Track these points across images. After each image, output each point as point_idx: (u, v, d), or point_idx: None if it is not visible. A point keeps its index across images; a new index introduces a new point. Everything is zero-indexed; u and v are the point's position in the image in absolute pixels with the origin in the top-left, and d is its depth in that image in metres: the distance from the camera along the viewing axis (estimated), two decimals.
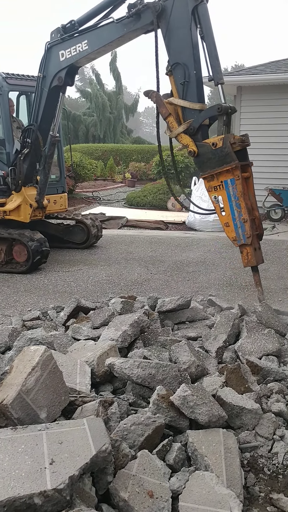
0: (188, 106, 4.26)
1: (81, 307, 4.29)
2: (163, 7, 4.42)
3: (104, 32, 5.11)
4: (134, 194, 14.44)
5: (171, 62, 4.41)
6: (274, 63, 12.29)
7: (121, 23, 4.86)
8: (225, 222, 4.12)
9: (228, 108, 4.12)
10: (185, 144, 4.29)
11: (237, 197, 3.96)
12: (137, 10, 4.59)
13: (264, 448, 2.43)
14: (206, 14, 4.20)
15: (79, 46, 5.39)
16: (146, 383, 2.72)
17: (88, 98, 35.90)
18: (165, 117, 4.39)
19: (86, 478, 1.86)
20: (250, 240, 4.01)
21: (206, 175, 4.15)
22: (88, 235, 7.84)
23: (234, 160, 3.95)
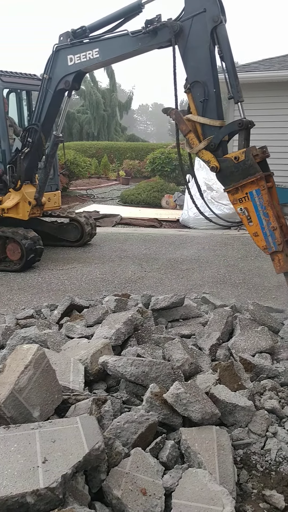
0: (209, 123, 4.32)
1: (75, 305, 4.28)
2: (181, 27, 4.42)
3: (118, 43, 5.08)
4: (128, 192, 14.43)
5: (189, 80, 4.44)
6: (268, 60, 12.31)
7: (136, 37, 4.83)
8: (253, 232, 4.16)
9: (248, 123, 4.21)
10: (206, 160, 4.35)
11: (264, 207, 4.03)
12: (154, 27, 4.59)
13: (257, 445, 2.44)
14: (225, 35, 4.24)
15: (89, 53, 5.36)
16: (140, 381, 2.72)
17: (82, 96, 35.79)
18: (185, 134, 4.43)
19: (79, 477, 1.86)
20: (282, 247, 4.07)
21: (231, 188, 4.20)
22: (82, 233, 7.83)
23: (258, 171, 4.03)
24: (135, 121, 73.17)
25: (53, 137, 6.34)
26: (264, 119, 11.15)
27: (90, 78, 35.79)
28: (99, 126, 34.33)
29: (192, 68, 4.41)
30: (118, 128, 36.70)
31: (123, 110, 37.86)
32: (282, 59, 12.19)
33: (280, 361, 3.31)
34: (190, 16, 4.33)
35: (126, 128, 39.06)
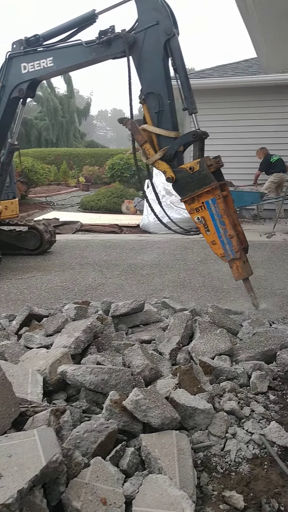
0: (164, 134, 4.37)
1: (34, 314, 4.21)
2: (135, 39, 4.45)
3: (72, 53, 5.05)
4: (88, 198, 14.39)
5: (144, 91, 4.48)
6: (222, 67, 12.59)
7: (90, 47, 4.81)
8: (211, 241, 4.24)
9: (202, 134, 4.30)
10: (162, 170, 4.40)
11: (220, 215, 4.12)
12: (108, 38, 4.59)
13: (217, 446, 2.47)
14: (178, 48, 4.31)
15: (43, 62, 5.30)
16: (99, 389, 2.71)
17: (39, 102, 35.46)
18: (141, 144, 4.47)
19: (36, 490, 1.83)
20: (239, 254, 4.16)
21: (187, 198, 4.27)
22: (42, 241, 7.73)
23: (213, 181, 4.12)
24: (95, 127, 73.03)
25: (8, 145, 6.24)
26: (218, 124, 11.40)
27: (47, 84, 35.53)
28: (58, 132, 34.10)
29: (146, 80, 4.46)
30: (77, 134, 36.56)
31: (81, 116, 37.78)
32: (235, 66, 12.50)
33: (239, 362, 3.37)
34: (144, 28, 4.39)
35: (85, 134, 38.97)
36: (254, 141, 11.35)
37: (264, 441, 2.48)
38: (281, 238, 9.01)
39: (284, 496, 2.15)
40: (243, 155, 11.34)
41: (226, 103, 11.47)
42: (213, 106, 11.46)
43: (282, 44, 6.05)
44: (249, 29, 5.42)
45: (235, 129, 11.41)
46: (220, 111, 11.42)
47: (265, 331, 3.83)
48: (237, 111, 11.41)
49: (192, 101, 4.37)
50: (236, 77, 11.29)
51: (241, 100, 11.37)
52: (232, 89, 11.33)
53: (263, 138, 11.32)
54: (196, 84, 11.48)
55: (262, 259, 7.11)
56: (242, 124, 11.40)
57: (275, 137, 11.25)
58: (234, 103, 11.42)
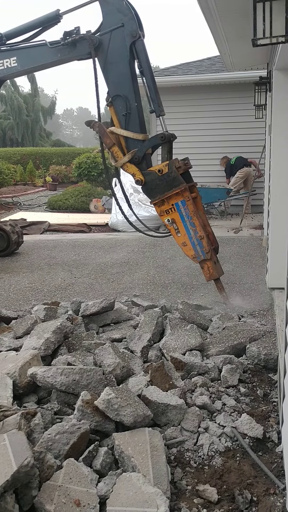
0: (132, 137, 4.36)
1: (2, 317, 4.14)
2: (100, 41, 4.41)
3: (36, 53, 4.95)
4: (55, 197, 14.23)
5: (111, 94, 4.45)
6: (186, 64, 12.66)
7: (55, 48, 4.72)
8: (182, 242, 4.27)
9: (170, 136, 4.31)
10: (131, 173, 4.40)
11: (190, 217, 4.15)
12: (73, 39, 4.51)
13: (189, 441, 2.48)
14: (144, 50, 4.29)
15: (7, 61, 5.18)
16: (71, 389, 2.68)
17: (3, 101, 34.84)
18: (109, 147, 4.44)
19: (8, 496, 1.79)
20: (210, 255, 4.18)
21: (157, 200, 4.28)
22: (9, 242, 7.58)
23: (182, 183, 4.14)
24: (61, 126, 72.27)
25: None
26: (183, 121, 11.45)
27: (11, 83, 34.91)
28: (23, 131, 33.59)
29: (113, 83, 4.45)
30: (43, 133, 36.11)
31: (47, 115, 37.31)
32: (198, 63, 12.58)
33: (209, 357, 3.40)
34: (109, 30, 4.36)
35: (51, 133, 38.51)
36: (219, 138, 11.47)
37: (236, 433, 2.51)
38: (248, 233, 9.14)
39: (256, 486, 2.19)
40: (207, 151, 11.44)
41: (190, 101, 11.54)
42: (178, 104, 11.50)
43: (243, 43, 6.12)
44: (211, 27, 5.45)
45: (199, 127, 11.49)
46: (184, 108, 11.47)
47: (235, 325, 3.88)
48: (201, 109, 11.49)
49: (160, 103, 4.38)
50: (199, 75, 11.36)
51: (205, 97, 11.46)
52: (196, 86, 11.41)
53: (227, 135, 11.46)
54: (160, 82, 11.49)
55: (230, 254, 7.19)
56: (207, 121, 11.49)
57: (239, 134, 11.40)
58: (198, 100, 11.51)
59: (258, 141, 10.53)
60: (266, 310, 4.47)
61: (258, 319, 4.19)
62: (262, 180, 9.62)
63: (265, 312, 4.43)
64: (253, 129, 10.95)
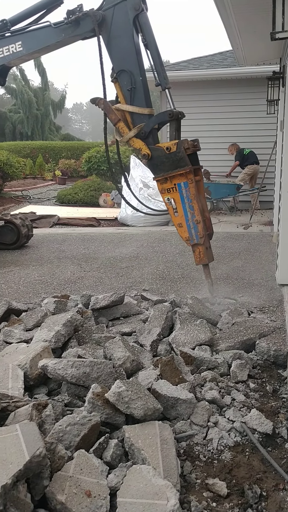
0: (138, 111, 4.33)
1: (12, 309, 4.17)
2: (103, 17, 4.38)
3: (41, 35, 4.95)
4: (65, 191, 14.26)
5: (115, 69, 4.42)
6: (197, 59, 12.58)
7: (59, 28, 4.72)
8: (178, 223, 4.26)
9: (178, 114, 4.27)
10: (137, 147, 4.36)
11: (190, 199, 4.12)
12: (76, 17, 4.50)
13: (199, 435, 2.49)
14: (147, 23, 4.26)
15: (12, 46, 5.18)
16: (81, 382, 2.70)
17: (13, 95, 34.87)
18: (115, 123, 4.42)
19: (20, 485, 1.81)
20: (203, 240, 4.18)
21: (160, 177, 4.26)
22: (19, 235, 7.62)
23: (188, 165, 4.10)
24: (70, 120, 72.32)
25: None
26: (194, 116, 11.40)
27: (21, 77, 34.97)
28: (33, 125, 33.60)
29: (117, 58, 4.42)
30: (53, 127, 36.11)
31: (56, 109, 37.29)
32: (210, 58, 12.51)
33: (219, 352, 3.40)
34: (112, 5, 4.33)
35: (60, 127, 38.52)
36: (229, 134, 11.42)
37: (245, 428, 2.51)
38: (257, 229, 9.11)
39: (265, 481, 2.19)
40: (218, 147, 11.39)
41: (201, 96, 11.49)
42: (189, 99, 11.45)
43: (256, 37, 6.08)
44: (225, 21, 5.42)
45: (210, 122, 11.45)
46: (195, 103, 11.42)
47: (244, 321, 3.87)
48: (212, 104, 11.44)
49: (165, 76, 4.33)
50: (211, 69, 11.30)
51: (216, 92, 11.40)
52: (207, 81, 11.35)
53: (238, 130, 11.40)
54: (171, 77, 11.38)
55: (239, 250, 7.18)
56: (217, 116, 11.44)
57: (249, 129, 11.33)
58: (210, 95, 11.45)
59: (269, 137, 10.47)
60: (275, 306, 4.47)
61: (268, 315, 4.19)
62: (272, 176, 9.56)
63: (275, 308, 4.43)
64: (264, 125, 10.89)
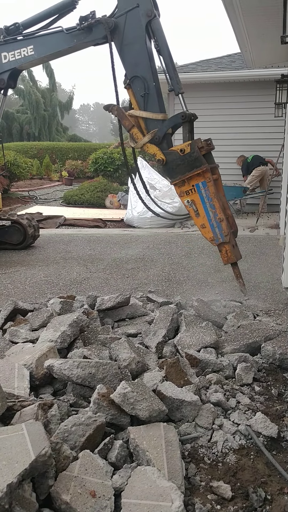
0: (151, 117, 4.34)
1: (18, 309, 4.18)
2: (116, 24, 4.41)
3: (52, 40, 4.98)
4: (71, 192, 14.30)
5: (128, 75, 4.44)
6: (206, 61, 12.60)
7: (71, 34, 4.75)
8: (201, 224, 4.23)
9: (191, 115, 4.29)
10: (152, 153, 4.37)
11: (210, 198, 4.11)
12: (88, 24, 4.53)
13: (204, 438, 2.49)
14: (160, 29, 4.28)
15: (24, 50, 5.22)
16: (87, 382, 2.71)
17: (21, 95, 35.01)
18: (129, 129, 4.43)
19: (25, 484, 1.82)
20: (228, 238, 4.16)
21: (177, 181, 4.25)
22: (25, 235, 7.66)
23: (204, 164, 4.09)
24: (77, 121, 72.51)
25: None
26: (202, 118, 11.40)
27: (29, 77, 35.10)
28: (40, 126, 33.73)
29: (130, 64, 4.43)
30: (60, 128, 36.22)
31: (64, 110, 37.40)
32: (218, 60, 12.52)
33: (224, 355, 3.40)
34: (124, 12, 4.35)
35: (67, 128, 38.63)
36: (236, 136, 11.42)
37: (250, 431, 2.51)
38: (263, 232, 9.10)
39: (270, 485, 2.19)
40: (225, 149, 11.38)
41: (209, 98, 11.49)
42: (196, 101, 11.45)
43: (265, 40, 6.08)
44: (233, 24, 5.43)
45: (218, 124, 11.45)
46: (203, 105, 11.43)
47: (250, 324, 3.87)
48: (220, 106, 11.45)
49: (178, 81, 4.35)
50: (219, 72, 11.32)
51: (224, 95, 11.41)
52: (215, 84, 11.36)
53: (245, 133, 11.40)
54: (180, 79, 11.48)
55: (245, 253, 7.17)
56: (225, 119, 11.44)
57: (257, 132, 11.33)
58: (217, 98, 11.46)
59: (276, 140, 10.46)
60: (281, 310, 4.46)
61: (274, 318, 4.18)
62: (279, 179, 9.55)
63: (281, 311, 4.42)
64: (272, 128, 10.88)
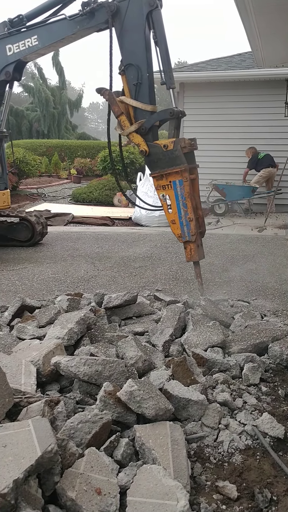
0: (140, 107, 4.37)
1: (26, 306, 4.19)
2: (118, 8, 4.43)
3: (56, 28, 5.02)
4: (80, 190, 14.31)
5: (124, 62, 4.46)
6: (216, 60, 12.55)
7: (73, 21, 4.79)
8: (171, 220, 4.33)
9: (179, 113, 4.32)
10: (136, 143, 4.42)
11: (184, 197, 4.18)
12: (91, 8, 4.56)
13: (210, 437, 2.48)
14: (160, 20, 4.29)
15: (28, 41, 5.25)
16: (93, 380, 2.71)
17: (31, 93, 35.11)
18: (117, 116, 4.47)
19: (32, 480, 1.83)
20: (194, 238, 4.24)
21: (156, 174, 4.32)
22: (33, 233, 7.69)
23: (183, 163, 4.16)
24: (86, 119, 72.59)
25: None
26: (212, 117, 11.38)
27: (39, 75, 35.20)
28: (49, 124, 33.80)
29: (127, 51, 4.46)
30: (69, 126, 36.28)
31: (73, 108, 37.45)
32: (228, 59, 12.46)
33: (231, 355, 3.39)
34: None
35: (77, 126, 38.67)
36: (247, 135, 11.36)
37: (257, 432, 2.50)
38: (272, 232, 9.06)
39: (276, 486, 2.18)
40: (235, 149, 11.35)
41: (218, 97, 11.45)
42: (206, 100, 11.43)
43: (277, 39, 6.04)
44: (244, 21, 5.40)
45: (227, 123, 11.41)
46: (212, 105, 11.40)
47: (257, 324, 3.85)
48: (230, 105, 11.40)
49: (171, 76, 4.37)
50: (229, 71, 11.26)
51: (234, 94, 11.35)
52: (225, 83, 11.31)
53: (255, 133, 11.34)
54: (189, 78, 11.46)
55: (253, 253, 7.14)
56: (235, 118, 11.39)
57: (267, 132, 11.27)
58: (227, 97, 11.41)
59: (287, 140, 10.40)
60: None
61: (281, 319, 4.16)
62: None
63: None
64: (282, 128, 10.82)
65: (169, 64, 4.35)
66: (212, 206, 11.04)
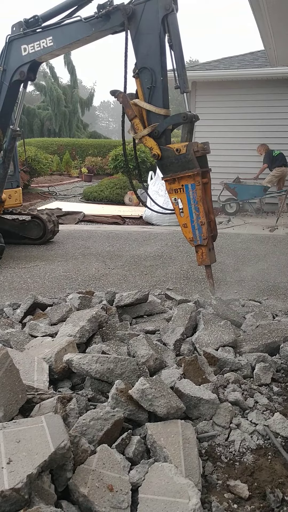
0: (154, 111, 4.37)
1: (38, 303, 4.23)
2: (134, 11, 4.44)
3: (71, 30, 5.04)
4: (91, 189, 14.35)
5: (138, 65, 4.46)
6: (228, 59, 12.50)
7: (89, 23, 4.80)
8: (183, 223, 4.32)
9: (192, 117, 4.32)
10: (149, 146, 4.43)
11: (196, 201, 4.18)
12: (107, 11, 4.57)
13: (221, 436, 2.48)
14: (175, 24, 4.29)
15: (43, 42, 5.28)
16: (105, 377, 2.72)
17: (42, 92, 35.27)
18: (131, 119, 4.48)
19: (45, 476, 1.84)
20: (206, 242, 4.23)
21: (168, 178, 4.32)
22: (45, 231, 7.72)
23: (196, 167, 4.16)
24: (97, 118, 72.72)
25: (10, 131, 6.22)
26: (224, 116, 11.34)
27: (51, 74, 35.32)
28: (61, 122, 33.93)
29: (141, 54, 4.46)
30: (80, 124, 36.38)
31: (84, 107, 37.55)
32: (241, 58, 12.41)
33: (242, 354, 3.38)
34: (143, 1, 4.36)
35: (88, 125, 38.77)
36: (259, 134, 11.31)
37: (268, 432, 2.49)
38: (283, 232, 9.01)
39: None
40: (247, 148, 11.30)
41: (231, 96, 11.41)
42: (219, 99, 11.40)
43: None
44: (258, 20, 5.37)
45: (240, 122, 11.36)
46: (225, 103, 11.36)
47: (269, 324, 3.84)
48: (242, 104, 11.35)
49: (185, 80, 4.36)
50: (242, 69, 11.22)
51: (247, 93, 11.30)
52: (238, 81, 11.26)
53: (268, 131, 11.28)
54: (201, 76, 11.43)
55: (265, 253, 7.12)
56: (247, 117, 11.34)
57: (280, 131, 11.21)
58: (240, 96, 11.36)
59: None
60: None
61: None
62: None
63: None
64: None
65: (184, 68, 4.35)
66: (223, 206, 11.01)
